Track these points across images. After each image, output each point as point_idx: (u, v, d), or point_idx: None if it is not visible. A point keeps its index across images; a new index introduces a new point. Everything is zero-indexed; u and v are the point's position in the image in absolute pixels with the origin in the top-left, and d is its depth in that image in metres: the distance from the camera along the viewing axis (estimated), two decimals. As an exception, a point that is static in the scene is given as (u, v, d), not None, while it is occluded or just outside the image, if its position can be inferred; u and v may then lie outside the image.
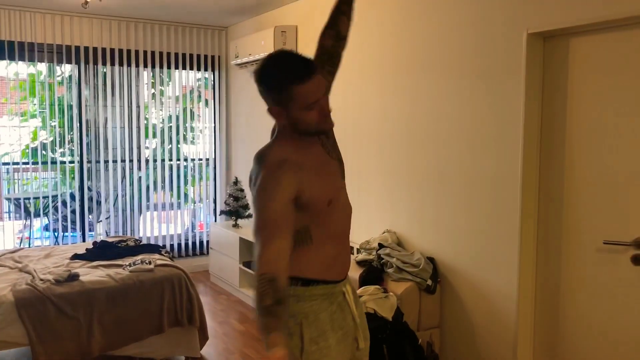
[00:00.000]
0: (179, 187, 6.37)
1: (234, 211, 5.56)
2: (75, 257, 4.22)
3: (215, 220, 6.46)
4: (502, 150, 3.19)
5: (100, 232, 6.07)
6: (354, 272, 3.78)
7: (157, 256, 4.23)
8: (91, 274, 3.82)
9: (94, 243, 4.56)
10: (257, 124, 5.87)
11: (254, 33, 5.44)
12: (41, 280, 3.63)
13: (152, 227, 6.23)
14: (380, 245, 3.84)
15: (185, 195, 6.47)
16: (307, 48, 4.92)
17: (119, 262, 4.10)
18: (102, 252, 4.29)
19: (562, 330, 3.06)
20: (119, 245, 4.48)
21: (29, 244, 6.05)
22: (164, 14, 5.70)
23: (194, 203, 6.63)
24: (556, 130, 3.04)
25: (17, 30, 5.34)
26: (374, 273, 3.69)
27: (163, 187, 6.31)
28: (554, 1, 2.88)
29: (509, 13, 3.12)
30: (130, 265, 3.94)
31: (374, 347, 3.13)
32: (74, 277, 3.67)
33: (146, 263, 3.95)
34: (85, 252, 4.33)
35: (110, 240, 4.70)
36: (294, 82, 1.74)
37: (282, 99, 1.79)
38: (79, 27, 5.61)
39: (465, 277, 3.46)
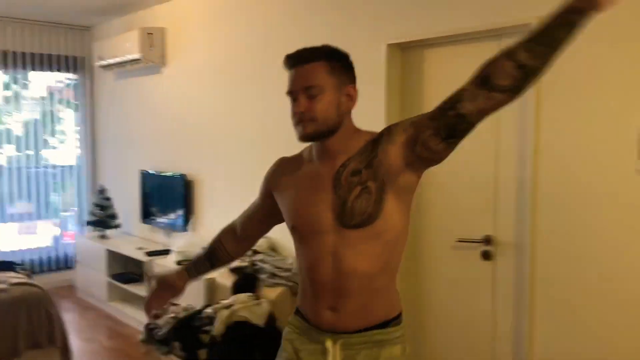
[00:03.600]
0: (39, 195, 5.90)
1: (101, 221, 5.27)
2: None
3: (81, 232, 6.08)
4: (367, 155, 3.31)
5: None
6: (227, 280, 3.75)
7: (12, 274, 3.90)
8: None
9: (-63, 263, 4.10)
10: (124, 128, 5.61)
11: (119, 34, 5.19)
12: None
13: (10, 240, 5.73)
14: (254, 252, 3.83)
15: (48, 204, 6.01)
16: (176, 51, 4.80)
17: (-33, 283, 3.72)
18: (-55, 272, 3.87)
19: (423, 322, 3.24)
20: (-33, 264, 4.07)
21: None
22: (15, 10, 5.26)
23: (65, 211, 6.15)
24: (415, 135, 3.22)
25: None
26: (247, 280, 3.67)
27: (26, 197, 5.81)
28: (409, 15, 3.06)
29: (370, 26, 3.26)
30: (-21, 286, 3.59)
31: (247, 354, 3.12)
32: None
33: (-2, 283, 3.62)
34: None
35: (-44, 259, 4.25)
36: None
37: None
38: None
39: (336, 279, 3.55)
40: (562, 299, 2.55)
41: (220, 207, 4.45)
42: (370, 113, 3.28)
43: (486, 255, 2.92)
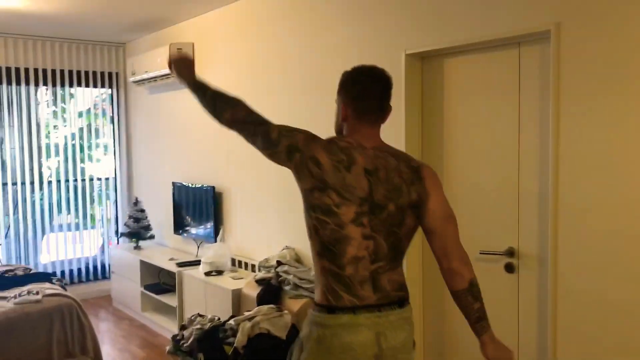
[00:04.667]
0: (83, 208, 6.11)
1: (135, 233, 5.40)
2: (-44, 291, 3.94)
3: (118, 243, 6.24)
4: (388, 166, 3.28)
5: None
6: (253, 291, 3.77)
7: (47, 285, 4.03)
8: (-30, 309, 3.58)
9: (-22, 274, 4.28)
10: (157, 141, 5.75)
11: (150, 50, 5.33)
12: None
13: (55, 250, 5.93)
14: (279, 263, 3.85)
15: (92, 216, 6.21)
16: (204, 65, 4.89)
17: (5, 294, 3.86)
18: (-15, 284, 4.04)
19: (447, 334, 3.18)
20: (6, 275, 4.23)
21: None
22: (57, 30, 5.48)
23: (104, 222, 6.34)
24: (435, 144, 3.18)
25: None
26: (271, 292, 3.69)
27: (68, 209, 6.02)
28: (428, 25, 3.02)
29: (389, 35, 3.24)
30: (15, 297, 3.73)
31: (269, 367, 3.13)
32: (-51, 314, 3.43)
33: (33, 294, 3.75)
34: (-33, 285, 4.05)
35: (-3, 270, 4.43)
36: None
37: None
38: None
39: (360, 291, 3.53)
40: (584, 312, 2.46)
41: (249, 218, 4.49)
42: (389, 123, 3.24)
43: (509, 268, 2.84)
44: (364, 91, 1.83)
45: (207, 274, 4.31)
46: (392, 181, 1.77)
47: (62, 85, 5.87)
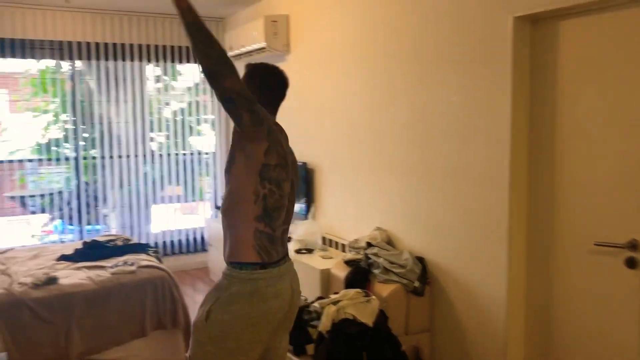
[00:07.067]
0: (191, 180, 6.30)
1: (230, 207, 5.43)
2: (62, 258, 4.15)
3: (216, 216, 6.34)
4: (490, 145, 2.96)
5: (105, 228, 6.01)
6: (341, 272, 3.62)
7: (143, 256, 4.12)
8: (72, 276, 3.73)
9: (84, 243, 4.48)
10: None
11: (246, 23, 5.27)
12: (19, 283, 3.56)
13: (160, 222, 6.16)
14: (369, 244, 3.66)
15: (194, 189, 6.39)
16: (299, 37, 4.74)
17: (104, 263, 4.00)
18: (88, 252, 4.21)
19: (554, 334, 2.84)
20: (108, 244, 4.39)
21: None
22: (159, 5, 5.58)
23: (207, 196, 6.50)
24: (546, 123, 2.81)
25: (9, 28, 5.29)
26: (360, 274, 3.51)
27: (175, 181, 6.22)
28: (539, -19, 2.64)
29: (493, -5, 2.88)
30: (112, 267, 3.84)
31: (354, 354, 2.97)
32: (52, 280, 3.59)
33: (129, 264, 3.85)
34: (73, 252, 4.25)
35: (101, 239, 4.61)
36: None
37: None
38: (71, 23, 5.53)
39: (454, 279, 3.26)
40: None
41: (340, 196, 4.33)
42: (493, 103, 2.91)
43: (631, 263, 2.45)
44: None
45: (298, 251, 4.22)
46: None
47: (165, 60, 6.00)
